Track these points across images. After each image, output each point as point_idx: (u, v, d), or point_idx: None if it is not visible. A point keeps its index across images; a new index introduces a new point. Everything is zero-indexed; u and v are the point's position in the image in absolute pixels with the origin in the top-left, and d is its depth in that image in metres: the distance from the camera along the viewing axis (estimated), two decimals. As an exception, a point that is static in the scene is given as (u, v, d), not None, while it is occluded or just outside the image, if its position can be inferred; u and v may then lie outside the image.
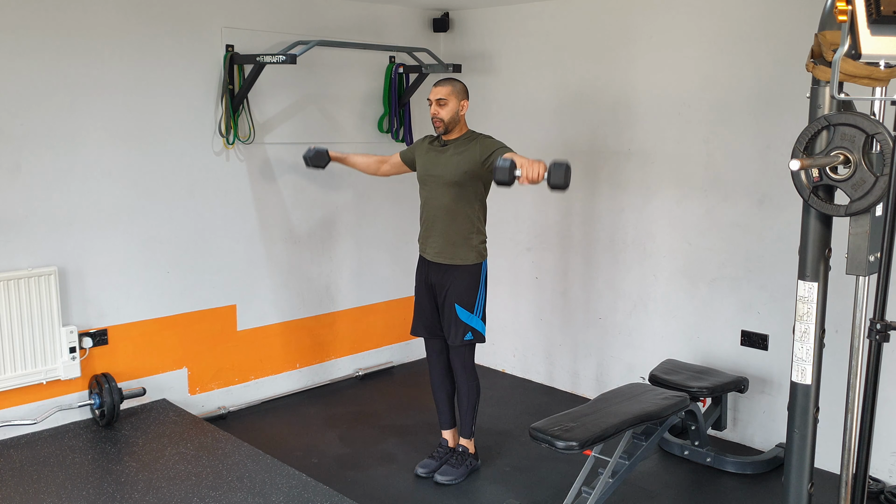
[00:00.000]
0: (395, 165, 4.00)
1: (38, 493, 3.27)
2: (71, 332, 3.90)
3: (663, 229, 4.41)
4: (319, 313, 4.98)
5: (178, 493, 3.27)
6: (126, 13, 3.96)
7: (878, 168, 2.20)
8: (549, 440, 3.07)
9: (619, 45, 4.46)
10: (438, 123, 3.59)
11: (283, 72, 4.54)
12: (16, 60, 3.66)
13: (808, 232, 2.40)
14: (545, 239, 4.98)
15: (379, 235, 5.20)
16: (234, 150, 4.45)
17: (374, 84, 5.06)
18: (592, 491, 3.25)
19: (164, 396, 4.30)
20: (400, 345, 5.41)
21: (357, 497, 3.47)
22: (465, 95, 3.63)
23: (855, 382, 2.34)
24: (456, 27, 5.29)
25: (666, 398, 3.48)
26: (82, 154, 3.90)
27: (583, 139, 4.70)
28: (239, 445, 3.74)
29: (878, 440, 3.49)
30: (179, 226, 4.28)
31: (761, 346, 4.07)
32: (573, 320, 4.91)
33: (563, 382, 5.01)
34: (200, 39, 4.23)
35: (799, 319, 2.42)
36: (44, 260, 3.84)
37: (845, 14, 1.82)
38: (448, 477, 3.75)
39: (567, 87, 4.74)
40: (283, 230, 4.73)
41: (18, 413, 3.83)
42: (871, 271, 2.27)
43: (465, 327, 3.67)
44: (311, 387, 4.95)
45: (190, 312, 4.38)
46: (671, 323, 4.44)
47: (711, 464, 3.88)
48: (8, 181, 3.71)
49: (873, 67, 2.10)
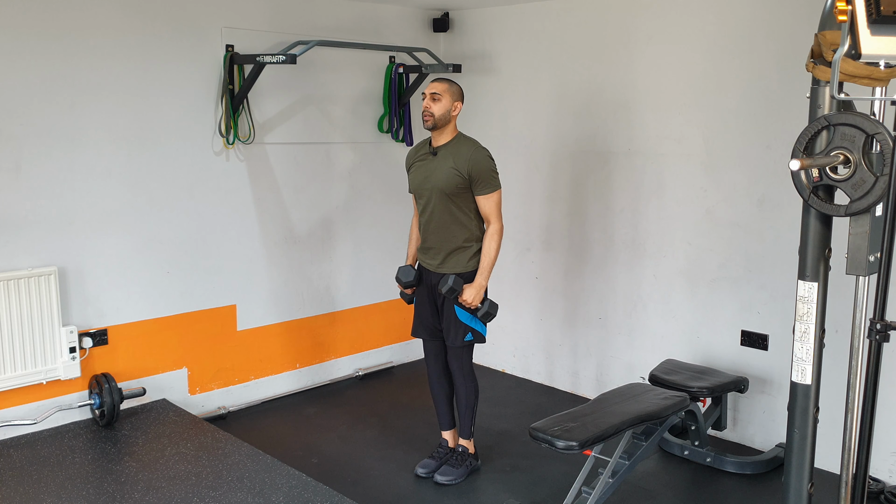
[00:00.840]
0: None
1: (38, 493, 3.27)
2: (71, 332, 3.90)
3: (663, 229, 4.41)
4: (319, 313, 4.98)
5: (178, 493, 3.27)
6: (126, 13, 3.96)
7: (878, 168, 2.20)
8: (549, 440, 3.07)
9: (619, 45, 4.46)
10: (428, 118, 3.58)
11: (283, 72, 4.54)
12: (16, 60, 3.66)
13: (808, 232, 2.40)
14: (545, 239, 4.98)
15: (379, 235, 5.20)
16: (234, 150, 4.45)
17: (374, 84, 5.06)
18: (592, 491, 3.25)
19: (164, 396, 4.30)
20: (400, 345, 5.41)
21: (357, 497, 3.47)
22: (459, 98, 3.63)
23: (855, 382, 2.34)
24: (456, 27, 5.29)
25: (666, 398, 3.48)
26: (82, 154, 3.90)
27: (583, 139, 4.70)
28: (239, 445, 3.74)
29: (878, 440, 3.49)
30: (179, 226, 4.28)
31: (761, 346, 4.07)
32: (573, 320, 4.91)
33: (563, 382, 5.01)
34: (200, 39, 4.23)
35: (799, 319, 2.42)
36: (44, 260, 3.84)
37: (845, 14, 1.82)
38: (448, 477, 3.75)
39: (567, 86, 4.74)
40: (282, 230, 4.73)
41: (18, 413, 3.83)
42: (871, 271, 2.27)
43: (465, 328, 3.67)
44: (311, 387, 4.95)
45: (190, 312, 4.39)
46: (671, 323, 4.44)
47: (711, 464, 3.88)
48: (8, 181, 3.71)
49: (873, 67, 2.10)
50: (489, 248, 3.61)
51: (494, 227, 3.61)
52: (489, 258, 3.60)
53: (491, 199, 3.59)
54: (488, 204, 3.59)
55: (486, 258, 3.60)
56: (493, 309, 3.66)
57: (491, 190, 3.59)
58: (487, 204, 3.59)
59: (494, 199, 3.60)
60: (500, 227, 3.63)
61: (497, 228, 3.62)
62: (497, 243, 3.62)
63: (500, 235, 3.63)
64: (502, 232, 3.64)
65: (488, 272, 3.62)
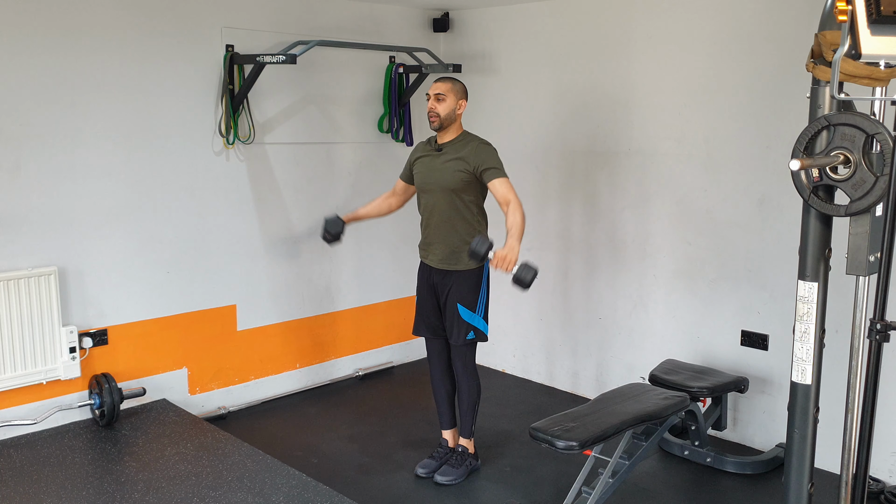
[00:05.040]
0: (402, 191, 3.93)
1: (38, 493, 3.27)
2: (71, 332, 3.90)
3: (663, 229, 4.41)
4: (319, 313, 4.98)
5: (178, 493, 3.27)
6: (126, 13, 3.96)
7: (878, 168, 2.20)
8: (549, 440, 3.07)
9: (619, 45, 4.46)
10: (434, 118, 3.59)
11: (283, 72, 4.54)
12: (16, 60, 3.66)
13: (808, 232, 2.40)
14: (545, 239, 4.98)
15: (379, 235, 5.20)
16: (234, 150, 4.45)
17: (374, 84, 5.06)
18: (592, 491, 3.25)
19: (164, 396, 4.30)
20: (400, 345, 5.41)
21: (357, 497, 3.47)
22: (464, 96, 3.64)
23: (855, 382, 2.34)
24: (456, 27, 5.29)
25: (666, 398, 3.48)
26: (82, 154, 3.90)
27: (583, 139, 4.70)
28: (239, 445, 3.74)
29: (878, 440, 3.49)
30: (179, 226, 4.28)
31: (761, 346, 4.07)
32: (573, 320, 4.91)
33: (563, 382, 5.01)
34: (200, 39, 4.23)
35: (799, 319, 2.43)
36: (44, 260, 3.84)
37: (845, 14, 1.82)
38: (448, 477, 3.75)
39: (567, 86, 4.74)
40: (283, 230, 4.73)
41: (18, 413, 3.83)
42: (871, 271, 2.27)
43: (468, 327, 3.67)
44: (311, 387, 4.95)
45: (190, 312, 4.39)
46: (671, 323, 4.44)
47: (711, 464, 3.88)
48: (8, 181, 3.71)
49: (873, 67, 2.10)
50: (516, 218, 3.45)
51: (515, 203, 3.49)
52: (518, 226, 3.44)
53: (504, 182, 3.53)
54: (503, 187, 3.51)
55: (516, 226, 3.44)
56: (527, 273, 3.27)
57: (502, 174, 3.54)
58: (502, 187, 3.51)
59: (507, 183, 3.53)
60: (520, 203, 3.50)
61: (518, 204, 3.49)
62: (522, 214, 3.47)
63: (522, 209, 3.49)
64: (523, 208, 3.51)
65: (519, 237, 3.43)
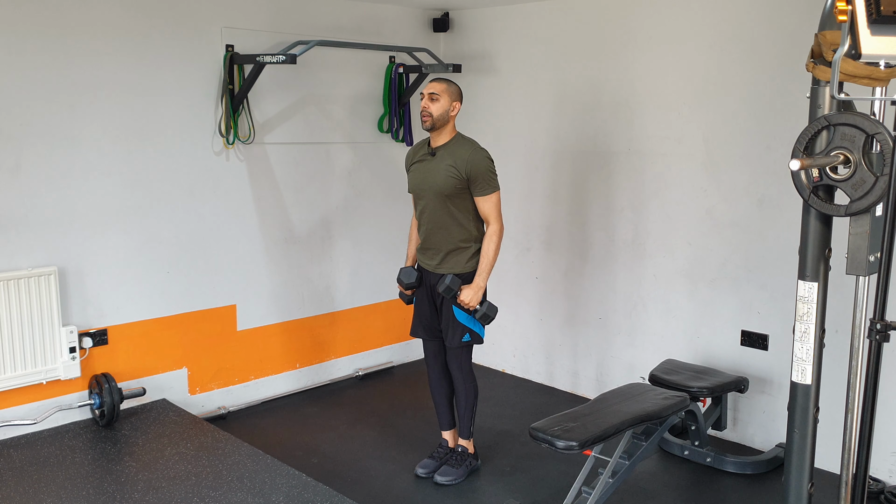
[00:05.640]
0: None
1: (38, 493, 3.27)
2: (71, 332, 3.90)
3: (663, 229, 4.41)
4: (319, 313, 4.98)
5: (178, 493, 3.27)
6: (126, 13, 3.96)
7: (878, 168, 2.20)
8: (549, 440, 3.07)
9: (619, 45, 4.46)
10: (426, 118, 3.57)
11: (283, 72, 4.54)
12: (16, 60, 3.66)
13: (808, 232, 2.40)
14: (545, 239, 4.98)
15: (378, 235, 5.20)
16: (234, 150, 4.45)
17: (374, 84, 5.06)
18: (592, 491, 3.25)
19: (164, 396, 4.30)
20: (400, 345, 5.41)
21: (357, 497, 3.47)
22: (458, 98, 3.62)
23: (855, 382, 2.34)
24: (456, 27, 5.29)
25: (666, 398, 3.48)
26: (82, 154, 3.90)
27: (583, 139, 4.70)
28: (239, 445, 3.74)
29: (878, 440, 3.49)
30: (179, 226, 4.28)
31: (761, 346, 4.07)
32: (573, 320, 4.91)
33: (563, 382, 5.01)
34: (200, 39, 4.23)
35: (799, 319, 2.42)
36: (44, 260, 3.84)
37: (845, 14, 1.82)
38: (448, 477, 3.75)
39: (567, 86, 4.74)
40: (282, 230, 4.73)
41: (18, 413, 3.83)
42: (871, 271, 2.27)
43: (463, 329, 3.67)
44: (310, 387, 4.95)
45: (190, 312, 4.39)
46: (671, 323, 4.44)
47: (711, 464, 3.88)
48: (8, 181, 3.71)
49: (873, 67, 2.10)
50: (488, 248, 3.59)
51: (493, 227, 3.60)
52: (488, 259, 3.59)
53: (490, 200, 3.58)
54: (487, 205, 3.58)
55: (486, 259, 3.59)
56: (492, 311, 3.64)
57: (490, 191, 3.57)
58: (486, 205, 3.58)
59: (493, 200, 3.58)
60: (500, 227, 3.61)
61: (496, 229, 3.60)
62: (496, 244, 3.60)
63: (499, 236, 3.61)
64: (502, 233, 3.62)
65: (487, 273, 3.60)
